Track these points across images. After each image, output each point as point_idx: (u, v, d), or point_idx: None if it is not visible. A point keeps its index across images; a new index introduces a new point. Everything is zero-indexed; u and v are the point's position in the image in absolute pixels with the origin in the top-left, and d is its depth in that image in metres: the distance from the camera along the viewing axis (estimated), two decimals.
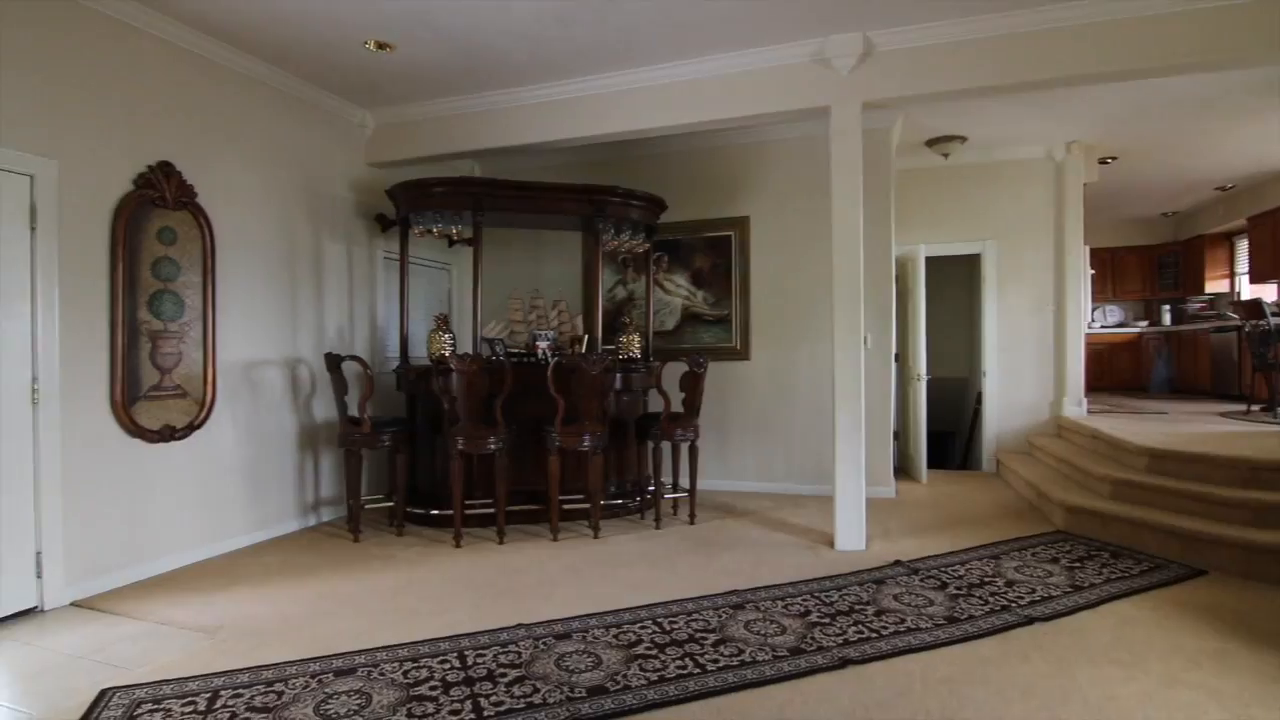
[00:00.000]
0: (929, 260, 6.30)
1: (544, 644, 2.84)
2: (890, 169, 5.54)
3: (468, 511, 4.53)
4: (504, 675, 2.57)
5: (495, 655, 2.74)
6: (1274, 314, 6.26)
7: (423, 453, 4.91)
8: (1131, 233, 10.17)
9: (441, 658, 2.73)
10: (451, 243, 5.43)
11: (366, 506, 4.78)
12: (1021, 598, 3.30)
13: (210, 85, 4.15)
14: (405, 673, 2.61)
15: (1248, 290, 8.58)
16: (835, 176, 4.18)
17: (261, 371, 4.49)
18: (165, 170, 3.85)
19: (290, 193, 4.73)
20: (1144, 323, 9.99)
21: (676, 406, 4.84)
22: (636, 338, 5.26)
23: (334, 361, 4.53)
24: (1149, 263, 10.14)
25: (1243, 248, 8.82)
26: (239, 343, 4.32)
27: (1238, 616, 3.06)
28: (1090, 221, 7.24)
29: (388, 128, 5.35)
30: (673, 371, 5.10)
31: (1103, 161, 6.73)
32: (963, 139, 6.07)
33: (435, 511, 4.73)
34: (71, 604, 3.38)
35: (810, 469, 5.63)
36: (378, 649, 2.81)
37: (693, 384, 4.79)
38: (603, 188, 4.90)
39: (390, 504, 4.77)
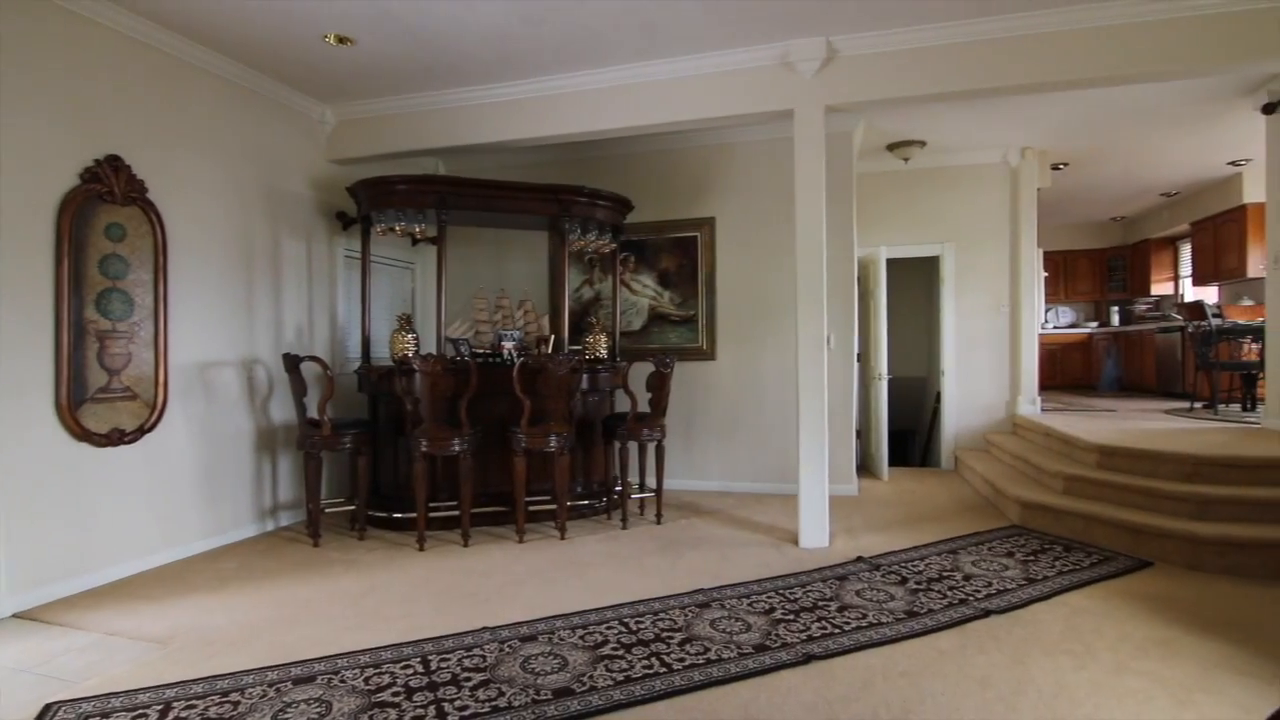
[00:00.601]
0: (890, 262, 6.43)
1: (509, 647, 2.82)
2: (852, 172, 5.63)
3: (431, 514, 4.47)
4: (468, 679, 2.54)
5: (459, 659, 2.71)
6: (1215, 315, 6.54)
7: (385, 455, 4.83)
8: (1082, 236, 10.53)
9: (404, 663, 2.68)
10: (415, 241, 5.36)
11: (327, 510, 4.68)
12: (978, 591, 3.38)
13: (163, 77, 4.02)
14: (367, 679, 2.56)
15: (1191, 292, 8.96)
16: (799, 178, 4.24)
17: (216, 372, 4.37)
18: (114, 164, 3.71)
19: (247, 189, 4.61)
20: (1094, 323, 10.34)
21: (643, 406, 4.84)
22: (603, 338, 5.25)
23: (292, 362, 4.42)
24: (1099, 265, 10.51)
25: (1186, 252, 9.20)
26: (192, 343, 4.19)
27: (1182, 606, 3.19)
28: (1043, 225, 7.48)
29: (349, 124, 5.25)
30: (640, 372, 5.11)
31: (1055, 167, 6.96)
32: (922, 143, 6.21)
33: (398, 515, 4.65)
34: (14, 615, 3.23)
35: (775, 468, 5.69)
36: (338, 655, 2.76)
37: (659, 384, 4.80)
38: (569, 187, 4.88)
39: (351, 507, 4.68)
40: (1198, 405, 6.75)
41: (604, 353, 5.23)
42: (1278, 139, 5.08)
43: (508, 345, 4.95)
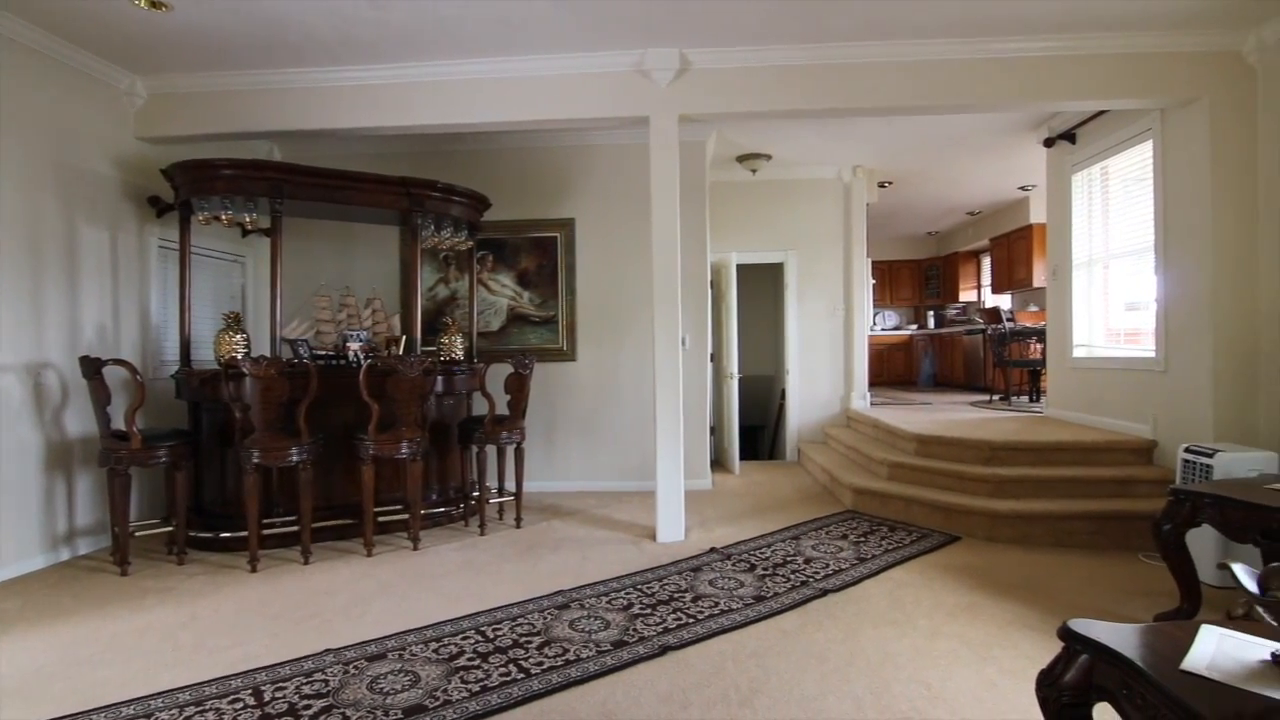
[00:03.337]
0: (740, 267, 6.78)
1: (355, 668, 2.65)
2: (705, 180, 5.88)
3: (266, 531, 4.10)
4: (308, 708, 2.36)
5: (298, 687, 2.51)
6: (1008, 320, 7.54)
7: (210, 468, 4.36)
8: (904, 248, 11.72)
9: (232, 697, 2.44)
10: (245, 232, 4.88)
11: (137, 534, 4.14)
12: (817, 573, 3.66)
13: None
14: (187, 719, 2.30)
15: (990, 299, 10.25)
16: (655, 183, 4.35)
17: None
18: None
19: (34, 166, 3.97)
20: (914, 326, 11.55)
21: (502, 409, 4.75)
22: (459, 338, 5.09)
23: (93, 366, 3.87)
24: (918, 274, 11.76)
25: (987, 264, 10.50)
26: None
27: (983, 574, 3.64)
28: (872, 236, 8.22)
29: (164, 98, 4.68)
30: (498, 373, 5.00)
31: (881, 185, 7.69)
32: (768, 157, 6.61)
33: (226, 534, 4.21)
34: None
35: (635, 466, 5.80)
36: (152, 696, 2.45)
37: (518, 385, 4.73)
38: (422, 181, 4.67)
39: (169, 529, 4.17)
40: (995, 397, 7.74)
41: (460, 354, 5.07)
42: (1055, 169, 5.96)
43: (354, 346, 4.66)
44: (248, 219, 4.53)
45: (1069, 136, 5.59)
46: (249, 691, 2.47)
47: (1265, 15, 3.83)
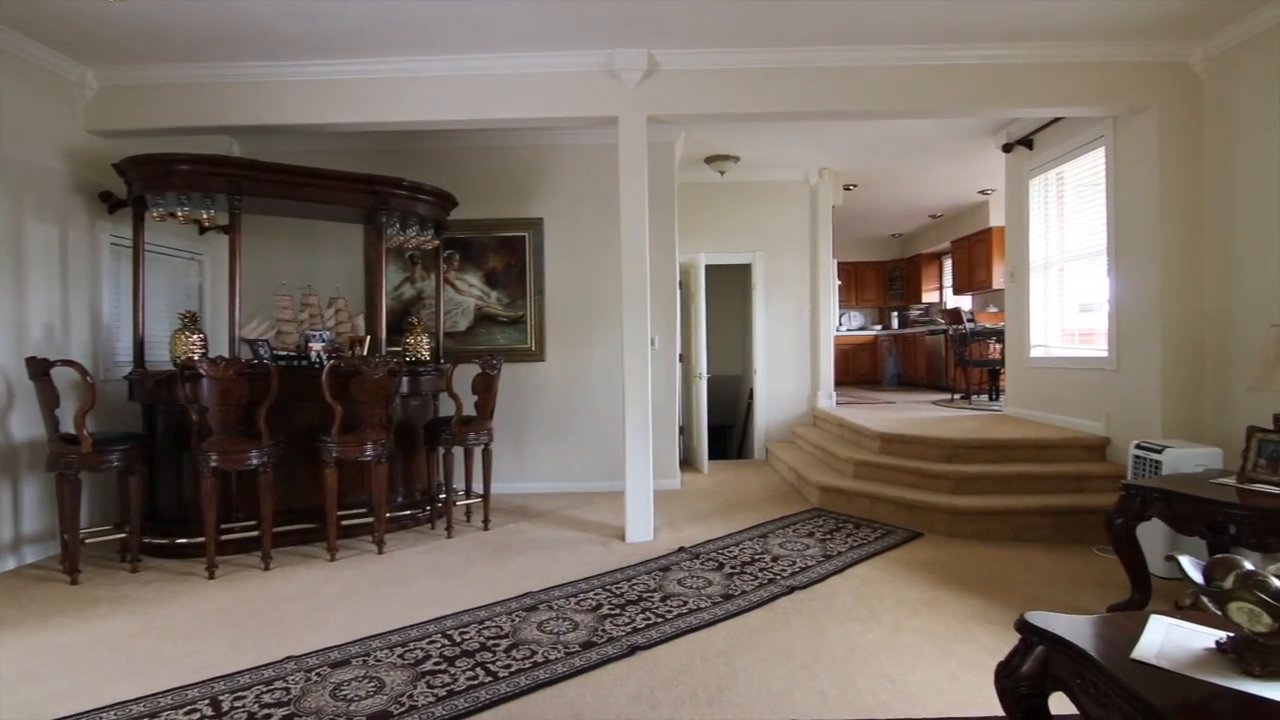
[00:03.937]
0: (709, 267, 6.82)
1: (318, 675, 2.60)
2: (674, 181, 5.90)
3: (225, 537, 3.99)
4: (268, 717, 2.30)
5: (258, 696, 2.45)
6: (969, 320, 7.72)
7: (165, 473, 4.23)
8: (869, 250, 11.91)
9: (189, 708, 2.37)
10: (203, 229, 4.75)
11: (88, 541, 3.99)
12: (784, 571, 3.70)
13: None
14: None
15: (951, 301, 10.47)
16: (624, 184, 4.35)
17: None
18: None
19: None
20: (879, 327, 11.75)
21: (470, 410, 4.70)
22: (425, 339, 5.02)
23: (40, 367, 3.72)
24: (882, 276, 11.97)
25: (948, 266, 10.73)
26: None
27: (945, 569, 3.72)
28: (838, 238, 8.33)
29: (117, 90, 4.53)
30: (466, 374, 4.95)
31: (847, 188, 7.81)
32: (736, 158, 6.66)
33: (182, 540, 4.09)
34: None
35: (605, 466, 5.79)
36: (103, 709, 2.37)
37: (486, 386, 4.69)
38: (387, 179, 4.60)
39: (122, 535, 4.04)
40: (957, 396, 7.91)
41: (426, 354, 5.00)
42: (1013, 174, 6.11)
43: (316, 347, 4.56)
44: (205, 216, 4.40)
45: (1026, 142, 5.74)
46: (206, 702, 2.41)
47: (1211, 28, 3.99)
